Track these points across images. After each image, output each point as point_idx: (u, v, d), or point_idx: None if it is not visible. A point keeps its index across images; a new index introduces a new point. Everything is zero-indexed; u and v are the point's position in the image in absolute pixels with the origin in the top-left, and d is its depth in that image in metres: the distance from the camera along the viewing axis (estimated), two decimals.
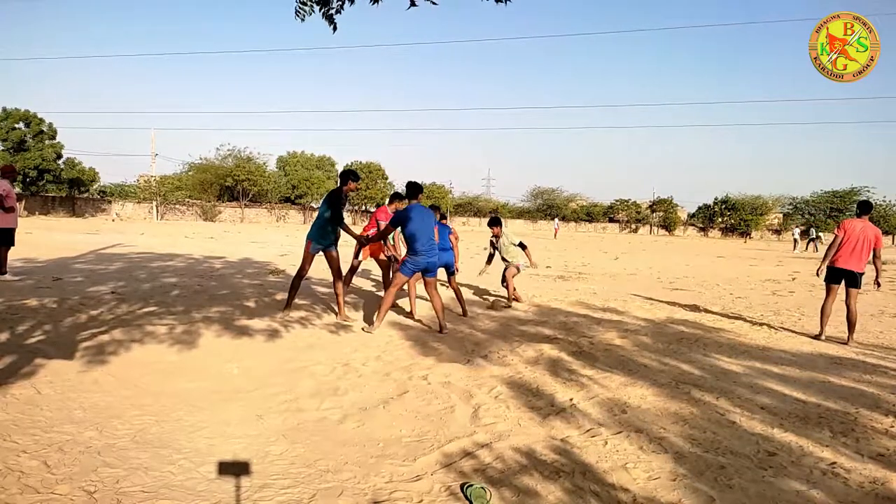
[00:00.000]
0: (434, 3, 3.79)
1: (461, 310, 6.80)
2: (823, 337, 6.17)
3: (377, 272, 10.39)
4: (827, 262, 6.27)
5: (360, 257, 7.20)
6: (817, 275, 6.41)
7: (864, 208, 6.31)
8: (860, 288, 6.22)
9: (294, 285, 6.22)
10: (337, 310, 6.20)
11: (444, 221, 8.97)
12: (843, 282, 6.22)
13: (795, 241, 30.36)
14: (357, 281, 9.28)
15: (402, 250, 8.42)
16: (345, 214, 6.23)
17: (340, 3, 3.87)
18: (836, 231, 6.30)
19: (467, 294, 8.60)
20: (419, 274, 5.92)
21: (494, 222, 8.21)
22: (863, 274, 6.22)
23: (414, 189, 5.90)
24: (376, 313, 5.82)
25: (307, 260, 6.11)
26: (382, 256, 7.19)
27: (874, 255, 6.21)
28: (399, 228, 5.84)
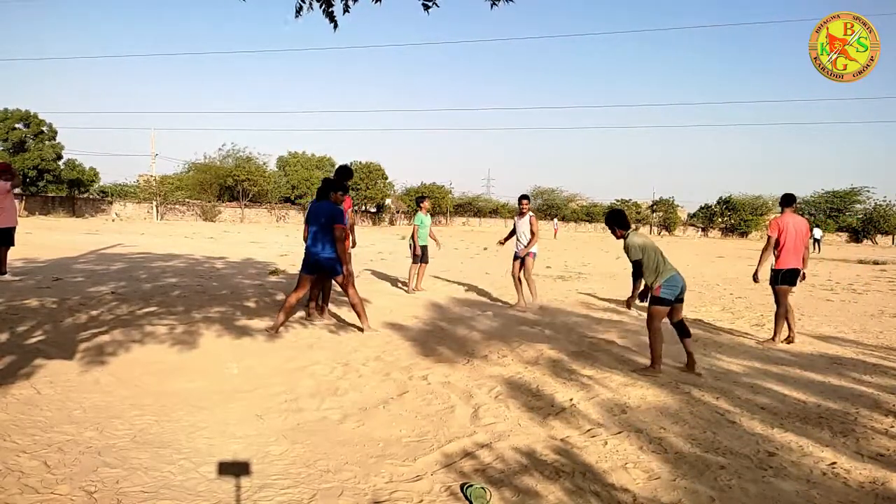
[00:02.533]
0: (432, 7, 3.80)
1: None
2: (779, 341, 5.80)
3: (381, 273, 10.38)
4: (764, 265, 5.83)
5: None
6: (755, 279, 6.04)
7: (788, 201, 5.93)
8: (796, 285, 5.92)
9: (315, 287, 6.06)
10: (358, 317, 5.67)
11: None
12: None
13: (817, 241, 29.96)
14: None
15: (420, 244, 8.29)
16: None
17: (344, 1, 3.87)
18: (768, 232, 5.89)
19: (468, 295, 8.59)
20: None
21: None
22: (800, 269, 5.85)
23: (325, 185, 5.62)
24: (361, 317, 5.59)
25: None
26: None
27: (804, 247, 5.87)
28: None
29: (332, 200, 5.52)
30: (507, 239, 8.01)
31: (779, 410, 3.72)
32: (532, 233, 7.50)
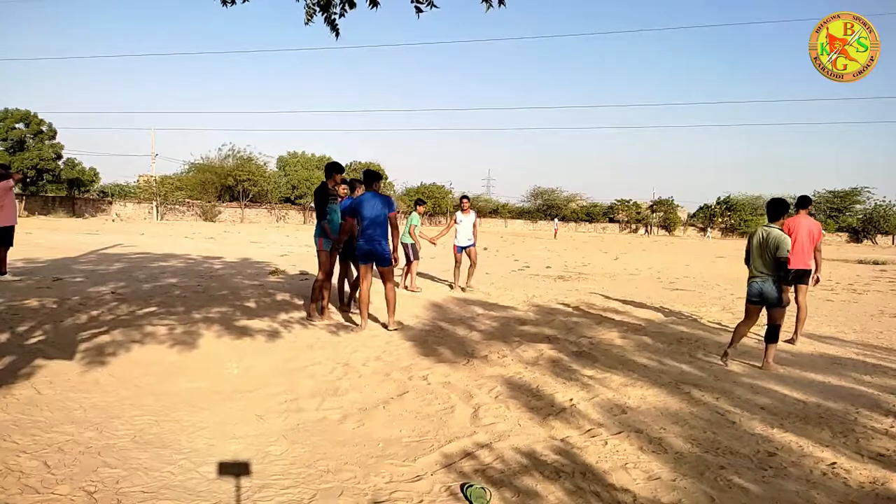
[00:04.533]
0: (426, 9, 3.80)
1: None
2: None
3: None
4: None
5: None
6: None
7: (803, 203, 6.12)
8: (809, 284, 6.06)
9: (315, 288, 6.11)
10: (321, 311, 6.09)
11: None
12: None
13: None
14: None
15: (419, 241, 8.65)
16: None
17: (342, 5, 3.88)
18: (787, 232, 5.97)
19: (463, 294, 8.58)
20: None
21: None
22: (810, 270, 6.05)
23: (370, 177, 5.89)
24: (359, 313, 5.85)
25: (324, 261, 6.03)
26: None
27: (815, 249, 6.01)
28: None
29: (376, 189, 5.82)
30: (440, 235, 9.56)
31: (779, 410, 3.72)
32: (474, 229, 9.12)
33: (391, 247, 5.81)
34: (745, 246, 5.11)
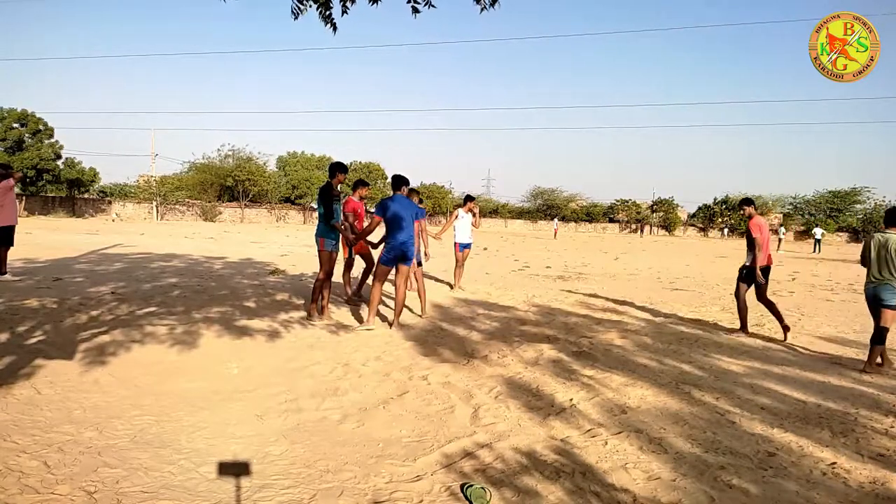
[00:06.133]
0: (424, 8, 3.80)
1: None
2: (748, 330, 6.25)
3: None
4: (761, 263, 6.07)
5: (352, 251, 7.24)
6: (757, 277, 6.11)
7: (751, 201, 6.46)
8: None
9: (315, 288, 6.11)
10: (320, 310, 6.09)
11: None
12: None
13: (818, 241, 29.36)
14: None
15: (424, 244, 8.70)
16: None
17: (343, 3, 3.88)
18: (759, 231, 6.07)
19: (461, 294, 8.58)
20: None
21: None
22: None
23: (398, 181, 6.05)
24: (367, 309, 5.92)
25: (325, 260, 6.03)
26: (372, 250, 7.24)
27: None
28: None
29: (403, 193, 6.01)
30: (442, 231, 9.31)
31: (779, 410, 3.72)
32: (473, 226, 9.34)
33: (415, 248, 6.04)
34: (861, 250, 5.31)
